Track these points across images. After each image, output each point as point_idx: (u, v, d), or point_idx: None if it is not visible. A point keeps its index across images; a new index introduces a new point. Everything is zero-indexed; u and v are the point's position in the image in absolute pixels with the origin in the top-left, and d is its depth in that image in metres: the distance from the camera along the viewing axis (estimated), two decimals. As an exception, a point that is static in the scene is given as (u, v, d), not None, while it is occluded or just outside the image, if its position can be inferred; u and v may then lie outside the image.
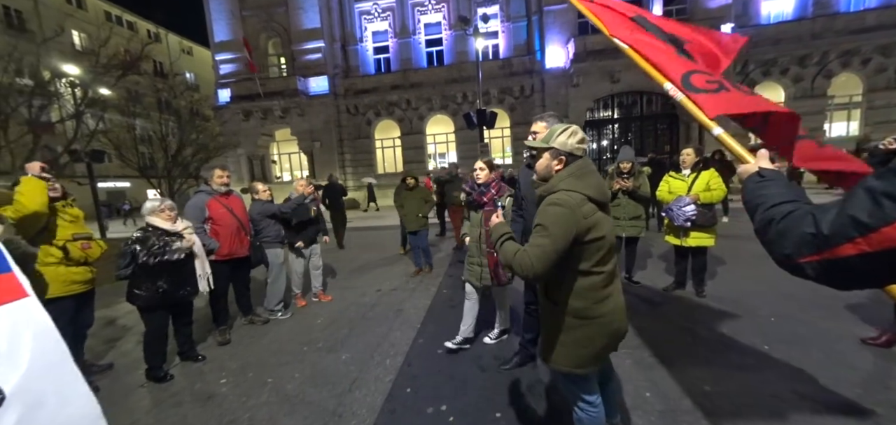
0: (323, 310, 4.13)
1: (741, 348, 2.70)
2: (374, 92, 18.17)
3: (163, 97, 14.51)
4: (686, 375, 2.38)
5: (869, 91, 14.54)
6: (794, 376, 2.31)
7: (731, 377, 2.35)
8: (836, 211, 0.62)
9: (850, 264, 0.59)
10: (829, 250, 0.61)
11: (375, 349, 3.08)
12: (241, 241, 3.52)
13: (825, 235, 0.61)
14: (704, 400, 2.14)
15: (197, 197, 3.44)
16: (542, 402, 2.24)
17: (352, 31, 18.81)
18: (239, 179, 18.64)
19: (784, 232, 0.70)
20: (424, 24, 18.30)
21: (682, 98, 1.31)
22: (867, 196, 0.58)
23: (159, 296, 2.71)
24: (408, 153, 18.48)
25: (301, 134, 18.69)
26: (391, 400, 2.37)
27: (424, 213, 5.38)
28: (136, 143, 12.60)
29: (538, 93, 16.83)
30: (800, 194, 0.79)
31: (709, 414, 2.02)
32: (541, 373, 2.53)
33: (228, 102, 18.42)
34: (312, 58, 18.12)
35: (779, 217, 0.73)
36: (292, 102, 17.89)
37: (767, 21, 15.45)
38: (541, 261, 1.25)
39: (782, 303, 3.35)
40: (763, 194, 0.83)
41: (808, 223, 0.66)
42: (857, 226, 0.58)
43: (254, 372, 2.86)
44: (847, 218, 0.59)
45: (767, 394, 2.16)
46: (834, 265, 0.61)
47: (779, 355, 2.55)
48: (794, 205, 0.74)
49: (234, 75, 18.75)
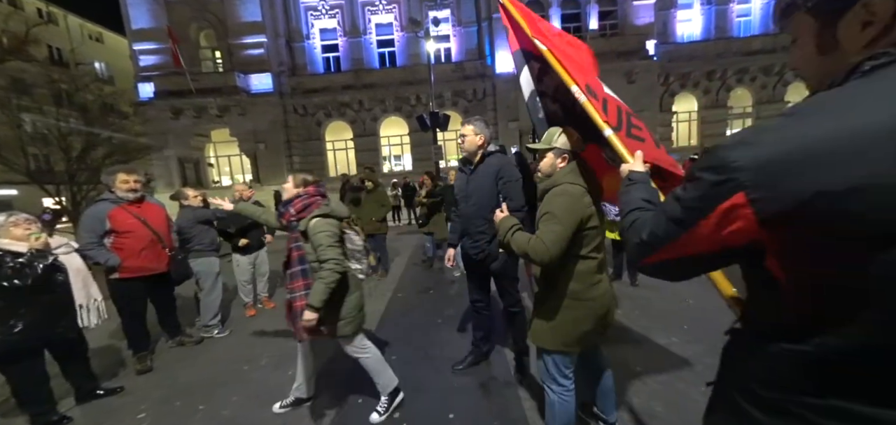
0: (268, 323, 3.84)
1: (665, 330, 3.04)
2: (324, 92, 17.36)
3: (61, 89, 12.22)
4: (616, 357, 2.61)
5: (757, 103, 17.45)
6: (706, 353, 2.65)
7: (658, 356, 2.63)
8: (652, 219, 0.69)
9: (667, 266, 0.68)
10: (653, 255, 0.68)
11: (324, 360, 2.93)
12: (157, 255, 3.05)
13: (647, 242, 0.68)
14: (634, 378, 2.37)
15: (96, 207, 2.91)
16: (495, 400, 2.31)
17: (297, 26, 17.79)
18: (169, 184, 16.62)
19: (628, 239, 0.78)
20: (376, 24, 17.95)
21: (583, 100, 1.44)
22: (673, 203, 0.64)
23: (17, 338, 2.06)
24: (361, 155, 17.94)
25: (242, 135, 17.21)
26: (342, 413, 2.27)
27: (380, 217, 5.26)
28: (24, 143, 10.54)
29: (490, 96, 17.38)
30: (654, 196, 0.87)
31: (638, 393, 2.24)
32: (494, 370, 2.60)
33: (152, 98, 16.34)
34: (253, 53, 16.81)
35: (628, 225, 0.81)
36: (231, 100, 16.40)
37: (682, 40, 17.68)
38: (556, 245, 1.38)
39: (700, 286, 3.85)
40: (625, 200, 0.91)
41: (635, 232, 0.74)
42: (667, 235, 0.64)
43: (182, 399, 2.56)
44: (660, 227, 0.66)
45: (677, 367, 2.45)
46: (660, 266, 0.70)
47: (696, 335, 2.91)
48: (639, 213, 0.81)
49: (158, 68, 16.67)
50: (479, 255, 2.26)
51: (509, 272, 2.32)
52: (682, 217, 0.61)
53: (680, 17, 17.65)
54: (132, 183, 2.96)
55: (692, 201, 0.59)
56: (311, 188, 2.08)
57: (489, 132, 2.23)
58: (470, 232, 2.30)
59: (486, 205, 2.13)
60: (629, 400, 2.19)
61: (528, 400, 2.24)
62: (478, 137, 2.18)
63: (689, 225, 0.60)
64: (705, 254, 0.62)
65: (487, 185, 2.17)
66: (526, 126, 16.88)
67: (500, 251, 2.14)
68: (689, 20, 17.76)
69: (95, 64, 24.51)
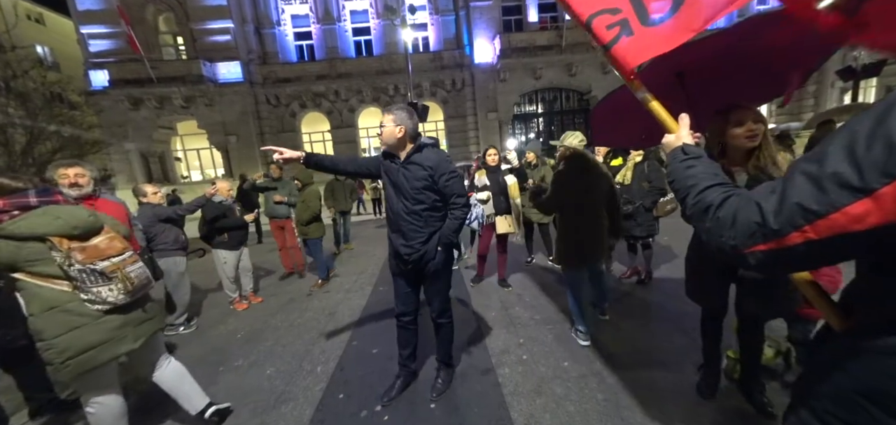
0: (242, 322, 3.70)
1: (657, 315, 3.17)
2: (297, 81, 16.70)
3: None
4: (599, 343, 2.71)
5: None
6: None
7: (634, 338, 2.75)
8: (777, 199, 0.58)
9: (795, 253, 0.57)
10: (777, 240, 0.58)
11: (304, 358, 2.86)
12: None
13: (773, 225, 0.58)
14: (610, 360, 2.47)
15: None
16: (474, 384, 2.34)
17: (266, 12, 16.92)
18: (129, 179, 15.55)
19: (725, 220, 0.66)
20: (350, 10, 17.36)
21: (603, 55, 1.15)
22: (809, 182, 0.55)
23: None
24: (339, 148, 17.49)
25: (211, 126, 16.33)
26: (322, 409, 2.23)
27: (305, 221, 4.57)
28: None
29: (469, 86, 17.31)
30: (722, 174, 0.79)
31: (612, 373, 2.34)
32: (473, 359, 2.63)
33: (107, 87, 15.14)
34: (219, 40, 15.88)
35: (715, 203, 0.70)
36: (197, 90, 15.48)
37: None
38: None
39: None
40: (691, 175, 0.81)
41: (752, 211, 0.61)
42: (805, 214, 0.54)
43: (157, 407, 2.42)
44: (794, 205, 0.56)
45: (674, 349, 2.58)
46: (779, 254, 0.58)
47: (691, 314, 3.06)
48: (726, 190, 0.72)
49: (111, 53, 15.43)
50: (413, 256, 2.03)
51: (444, 273, 2.14)
52: (861, 178, 0.50)
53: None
54: (72, 176, 2.46)
55: (881, 155, 0.49)
56: (2, 201, 1.58)
57: (412, 123, 1.99)
58: (402, 230, 2.04)
59: (423, 200, 1.98)
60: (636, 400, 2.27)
61: (509, 386, 2.28)
62: (397, 129, 1.96)
63: (873, 187, 0.49)
64: (878, 229, 0.50)
65: (422, 179, 1.97)
66: (505, 117, 17.02)
67: (438, 249, 2.02)
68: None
69: (36, 47, 22.25)
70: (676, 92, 1.45)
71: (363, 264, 5.66)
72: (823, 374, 0.66)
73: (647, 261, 3.75)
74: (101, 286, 1.60)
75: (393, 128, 1.96)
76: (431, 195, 2.00)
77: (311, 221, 4.56)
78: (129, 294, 1.67)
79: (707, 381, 2.03)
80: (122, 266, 1.67)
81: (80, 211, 1.66)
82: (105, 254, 1.64)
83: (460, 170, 2.06)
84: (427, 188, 1.99)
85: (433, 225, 2.04)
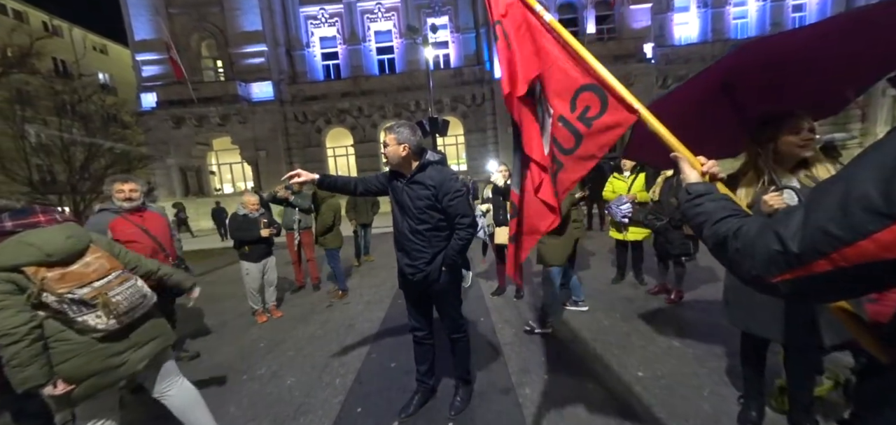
0: (265, 332, 3.81)
1: (678, 332, 3.01)
2: (323, 99, 17.50)
3: (64, 100, 12.27)
4: (622, 362, 2.58)
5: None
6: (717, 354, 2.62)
7: (660, 361, 2.59)
8: (798, 223, 0.54)
9: (822, 281, 0.52)
10: (802, 267, 0.53)
11: (324, 369, 2.90)
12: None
13: (795, 252, 0.53)
14: (636, 384, 2.34)
15: (97, 217, 2.84)
16: (494, 404, 2.27)
17: (297, 35, 17.98)
18: (170, 192, 16.70)
19: (745, 251, 0.63)
20: (375, 31, 18.12)
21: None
22: (834, 205, 0.50)
23: None
24: (361, 161, 18.02)
25: (244, 142, 17.34)
26: (340, 423, 2.24)
27: (321, 232, 4.79)
28: (27, 154, 10.61)
29: (489, 101, 17.46)
30: (731, 204, 0.77)
31: (639, 399, 2.21)
32: (492, 376, 2.57)
33: (154, 108, 16.50)
34: (254, 62, 16.99)
35: (732, 233, 0.67)
36: (232, 109, 16.56)
37: (679, 43, 17.75)
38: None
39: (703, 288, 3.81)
40: (701, 211, 0.80)
41: (770, 239, 0.57)
42: (829, 240, 0.50)
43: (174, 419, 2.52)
44: (816, 231, 0.51)
45: (689, 373, 2.42)
46: (806, 283, 0.54)
47: (705, 338, 2.88)
48: (741, 220, 0.69)
49: (160, 78, 16.87)
50: (417, 276, 2.00)
51: (452, 292, 2.11)
52: (890, 203, 0.45)
53: (676, 20, 17.77)
54: (127, 191, 2.85)
55: None
56: None
57: (415, 140, 1.94)
58: (406, 249, 2.01)
59: (426, 220, 1.94)
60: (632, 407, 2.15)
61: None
62: (401, 147, 1.91)
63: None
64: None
65: (425, 198, 1.93)
66: (525, 130, 16.93)
67: (443, 269, 1.96)
68: (686, 23, 17.87)
69: (99, 75, 24.80)
70: (714, 111, 1.39)
71: (383, 276, 5.72)
72: (872, 410, 0.60)
73: (677, 279, 3.57)
74: (87, 314, 1.45)
75: (396, 147, 1.93)
76: (435, 214, 1.94)
77: (327, 232, 4.69)
78: (118, 318, 1.52)
79: (747, 415, 1.87)
80: (103, 291, 1.49)
81: (56, 235, 1.49)
82: (86, 279, 1.47)
83: (463, 188, 2.00)
84: (430, 207, 1.93)
85: (437, 245, 1.98)
